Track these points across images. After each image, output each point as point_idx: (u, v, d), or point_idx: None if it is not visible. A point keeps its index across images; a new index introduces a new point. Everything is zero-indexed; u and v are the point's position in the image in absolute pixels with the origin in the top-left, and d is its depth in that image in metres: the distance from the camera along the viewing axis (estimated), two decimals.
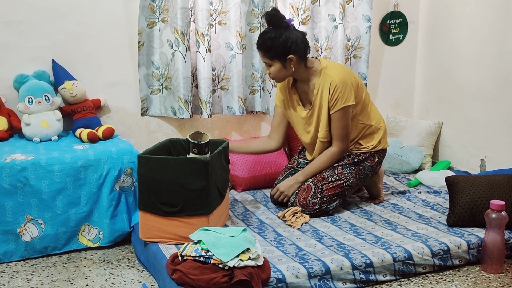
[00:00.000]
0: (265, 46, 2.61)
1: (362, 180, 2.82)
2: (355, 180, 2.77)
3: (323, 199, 2.69)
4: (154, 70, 3.17)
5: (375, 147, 2.81)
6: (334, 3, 3.44)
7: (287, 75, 2.70)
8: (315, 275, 2.10)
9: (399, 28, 3.80)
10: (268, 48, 2.61)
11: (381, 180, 2.97)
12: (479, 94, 3.42)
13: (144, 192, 2.29)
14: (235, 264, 1.97)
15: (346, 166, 2.76)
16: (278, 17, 2.63)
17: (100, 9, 3.05)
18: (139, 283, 2.27)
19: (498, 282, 2.27)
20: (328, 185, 2.71)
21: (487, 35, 3.33)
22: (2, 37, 2.89)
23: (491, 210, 2.33)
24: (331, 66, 2.70)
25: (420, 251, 2.30)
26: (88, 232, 2.59)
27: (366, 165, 2.79)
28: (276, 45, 2.59)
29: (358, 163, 2.77)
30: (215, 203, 2.36)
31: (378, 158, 2.83)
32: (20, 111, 2.84)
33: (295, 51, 2.61)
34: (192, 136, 2.45)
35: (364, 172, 2.79)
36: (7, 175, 2.42)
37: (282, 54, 2.60)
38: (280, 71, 2.65)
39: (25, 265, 2.44)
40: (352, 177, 2.75)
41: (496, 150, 3.34)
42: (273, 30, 2.61)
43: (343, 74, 2.67)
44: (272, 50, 2.60)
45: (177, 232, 2.28)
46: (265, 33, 2.63)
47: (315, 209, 2.69)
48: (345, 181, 2.73)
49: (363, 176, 2.80)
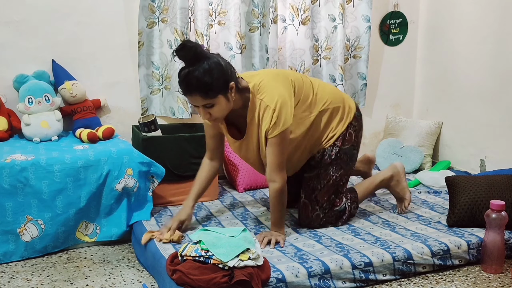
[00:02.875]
0: (203, 85, 2.15)
1: (350, 164, 2.62)
2: (343, 170, 2.58)
3: (322, 206, 2.56)
4: (154, 70, 3.18)
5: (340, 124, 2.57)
6: (334, 3, 3.44)
7: (230, 107, 2.28)
8: (315, 274, 2.10)
9: (399, 28, 3.80)
10: (207, 85, 2.15)
11: (402, 176, 2.79)
12: (479, 94, 3.42)
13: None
14: (235, 264, 1.98)
15: (327, 167, 2.55)
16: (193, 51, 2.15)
17: (100, 9, 3.05)
18: (139, 283, 2.27)
19: (498, 282, 2.27)
20: (320, 192, 2.56)
21: (487, 35, 3.33)
22: (2, 37, 2.89)
23: (491, 210, 2.33)
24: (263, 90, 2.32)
25: (419, 250, 2.30)
26: (85, 228, 2.60)
27: (345, 149, 2.58)
28: (215, 78, 2.16)
29: (337, 155, 2.55)
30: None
31: (353, 131, 2.60)
32: (20, 111, 2.84)
33: (231, 76, 2.24)
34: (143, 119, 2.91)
35: (347, 156, 2.59)
36: (7, 175, 2.42)
37: (224, 85, 2.20)
38: (225, 107, 2.25)
39: (25, 265, 2.44)
40: (338, 170, 2.56)
41: (496, 150, 3.34)
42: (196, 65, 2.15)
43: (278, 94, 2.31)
44: (213, 85, 2.16)
45: None
46: (192, 72, 2.15)
47: (322, 219, 2.56)
48: (334, 178, 2.56)
49: (348, 161, 2.60)
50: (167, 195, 2.89)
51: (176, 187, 2.89)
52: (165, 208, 2.85)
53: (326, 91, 2.57)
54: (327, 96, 2.55)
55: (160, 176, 2.73)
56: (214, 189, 2.99)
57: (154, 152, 2.78)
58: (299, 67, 3.44)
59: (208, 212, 2.80)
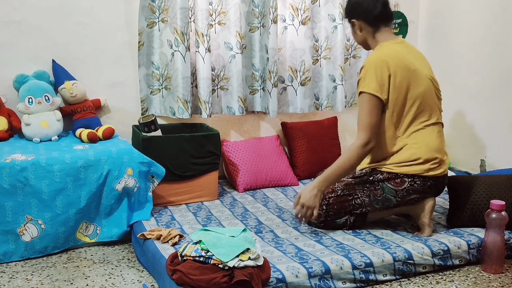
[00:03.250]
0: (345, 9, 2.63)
1: (379, 203, 2.45)
2: (368, 199, 2.45)
3: (328, 212, 2.49)
4: (154, 70, 3.17)
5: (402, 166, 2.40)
6: (334, 3, 3.44)
7: (360, 40, 2.56)
8: (315, 274, 2.10)
9: (399, 28, 3.80)
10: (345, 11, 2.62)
11: (426, 214, 2.46)
12: (479, 94, 3.42)
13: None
14: (235, 264, 1.98)
15: (360, 182, 2.47)
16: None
17: (100, 9, 3.05)
18: (139, 283, 2.27)
19: (498, 282, 2.27)
20: (336, 198, 2.48)
21: (487, 35, 3.33)
22: (2, 37, 2.89)
23: (491, 210, 2.33)
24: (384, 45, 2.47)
25: (420, 251, 2.30)
26: (86, 228, 2.60)
27: (387, 187, 2.43)
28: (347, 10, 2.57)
29: (375, 182, 2.44)
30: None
31: (411, 184, 2.41)
32: (20, 111, 2.84)
33: (358, 16, 2.50)
34: (143, 119, 2.93)
35: (383, 194, 2.43)
36: (7, 175, 2.42)
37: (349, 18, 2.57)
38: (353, 35, 2.59)
39: (25, 265, 2.44)
40: (364, 195, 2.45)
41: (496, 150, 3.34)
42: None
43: (379, 55, 2.41)
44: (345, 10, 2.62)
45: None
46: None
47: (320, 221, 2.51)
48: (354, 197, 2.46)
49: (380, 199, 2.44)
50: (167, 195, 2.89)
51: (176, 187, 2.89)
52: (165, 208, 2.85)
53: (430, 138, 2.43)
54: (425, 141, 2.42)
55: (160, 176, 2.73)
56: (214, 189, 2.99)
57: (154, 152, 2.79)
58: (299, 67, 3.44)
59: (208, 212, 2.80)
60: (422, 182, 2.42)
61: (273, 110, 3.34)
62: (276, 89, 3.34)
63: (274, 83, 3.32)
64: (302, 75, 3.46)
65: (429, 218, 2.47)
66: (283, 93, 3.51)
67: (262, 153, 3.30)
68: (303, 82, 3.47)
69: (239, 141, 3.34)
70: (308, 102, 3.51)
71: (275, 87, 3.33)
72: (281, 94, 3.51)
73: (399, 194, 2.43)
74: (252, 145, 3.33)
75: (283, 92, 3.51)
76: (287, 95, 3.51)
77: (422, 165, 2.41)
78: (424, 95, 2.44)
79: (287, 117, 3.58)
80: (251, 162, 3.22)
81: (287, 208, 2.86)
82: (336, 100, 3.57)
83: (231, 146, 3.29)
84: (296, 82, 3.47)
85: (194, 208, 2.87)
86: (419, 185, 2.42)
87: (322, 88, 3.56)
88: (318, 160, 3.41)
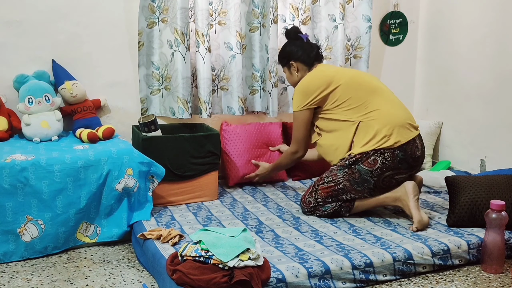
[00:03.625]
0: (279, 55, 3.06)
1: (359, 185, 2.65)
2: (348, 183, 2.65)
3: (316, 199, 2.72)
4: (153, 70, 3.17)
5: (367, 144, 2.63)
6: (334, 3, 3.44)
7: (295, 80, 2.94)
8: (315, 274, 2.10)
9: (399, 28, 3.80)
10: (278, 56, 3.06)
11: (411, 197, 2.57)
12: (479, 94, 3.42)
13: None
14: (235, 264, 1.98)
15: (340, 168, 2.69)
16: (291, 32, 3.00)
17: (100, 9, 3.06)
18: (139, 283, 2.26)
19: (498, 282, 2.27)
20: (323, 185, 2.72)
21: (487, 35, 3.33)
22: (2, 37, 2.89)
23: (491, 210, 2.33)
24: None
25: (420, 250, 2.30)
26: (86, 229, 2.60)
27: (362, 168, 2.63)
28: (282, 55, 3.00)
29: (351, 165, 2.65)
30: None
31: (382, 161, 2.62)
32: (20, 111, 2.84)
33: (296, 58, 2.91)
34: (143, 119, 2.94)
35: (360, 175, 2.63)
36: (7, 175, 2.42)
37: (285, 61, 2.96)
38: (288, 77, 3.00)
39: (25, 265, 2.44)
40: (344, 180, 2.66)
41: (496, 150, 3.34)
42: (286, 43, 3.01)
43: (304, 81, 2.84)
44: (279, 57, 3.04)
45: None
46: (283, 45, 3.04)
47: (310, 207, 2.74)
48: (337, 183, 2.68)
49: (359, 181, 2.64)
50: (167, 195, 2.89)
51: (176, 187, 2.89)
52: (165, 208, 2.85)
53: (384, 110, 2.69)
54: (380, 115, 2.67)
55: (160, 176, 2.73)
56: (214, 189, 2.99)
57: (154, 152, 2.79)
58: None
59: (208, 212, 2.80)
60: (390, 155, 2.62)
61: (273, 110, 3.35)
62: (276, 89, 3.34)
63: (274, 83, 3.32)
64: None
65: (416, 201, 2.57)
66: (284, 93, 3.51)
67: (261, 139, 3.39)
68: None
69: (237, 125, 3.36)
70: None
71: (275, 87, 3.33)
72: (282, 94, 3.50)
73: (374, 174, 2.62)
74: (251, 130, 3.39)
75: (284, 93, 3.51)
76: (288, 96, 3.51)
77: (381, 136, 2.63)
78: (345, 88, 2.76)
79: (288, 118, 3.58)
80: (243, 157, 3.27)
81: (287, 208, 2.86)
82: None
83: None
84: None
85: (194, 208, 2.87)
86: (388, 160, 2.61)
87: None
88: (318, 160, 3.41)
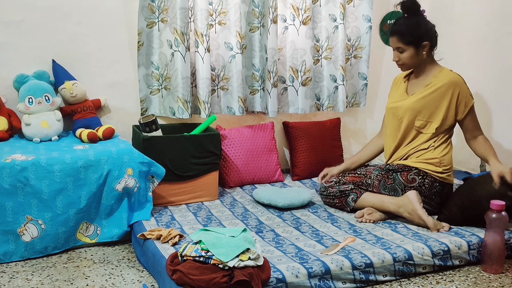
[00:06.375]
0: (402, 31, 2.66)
1: (387, 190, 2.70)
2: (377, 183, 2.72)
3: (340, 180, 2.79)
4: (153, 70, 3.17)
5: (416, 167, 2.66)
6: (335, 3, 3.44)
7: (417, 62, 2.72)
8: (315, 274, 2.10)
9: None
10: (404, 33, 2.65)
11: (416, 204, 2.53)
12: (479, 94, 3.41)
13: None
14: (235, 264, 1.98)
15: (378, 169, 2.78)
16: (415, 5, 2.70)
17: (100, 9, 3.05)
18: (139, 283, 2.27)
19: (498, 282, 2.26)
20: (354, 174, 2.81)
21: (486, 34, 3.33)
22: (2, 37, 2.89)
23: (491, 210, 2.33)
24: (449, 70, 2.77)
25: (420, 251, 2.30)
26: (86, 229, 2.60)
27: (397, 179, 2.68)
28: (413, 30, 2.65)
29: (389, 171, 2.72)
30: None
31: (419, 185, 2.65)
32: (20, 111, 2.84)
33: (430, 38, 2.68)
34: (144, 119, 2.92)
35: (392, 184, 2.69)
36: (7, 175, 2.42)
37: (418, 40, 2.65)
38: (412, 57, 2.69)
39: (25, 265, 2.44)
40: (375, 179, 2.73)
41: (496, 150, 3.33)
42: (409, 17, 2.69)
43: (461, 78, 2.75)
44: (408, 34, 2.65)
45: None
46: (401, 19, 2.71)
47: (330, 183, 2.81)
48: (367, 176, 2.76)
49: (389, 186, 2.70)
50: (167, 195, 2.89)
51: (176, 187, 2.89)
52: (165, 208, 2.85)
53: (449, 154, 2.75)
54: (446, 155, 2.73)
55: (160, 176, 2.73)
56: (214, 189, 2.99)
57: (154, 152, 2.79)
58: (300, 67, 3.44)
59: (208, 212, 2.80)
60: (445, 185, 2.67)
61: (272, 110, 3.34)
62: (275, 89, 3.33)
63: (274, 83, 3.32)
64: (303, 75, 3.45)
65: (422, 208, 2.54)
66: (284, 94, 3.51)
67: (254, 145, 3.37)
68: (304, 82, 3.47)
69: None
70: (309, 103, 3.51)
71: (275, 87, 3.33)
72: (282, 94, 3.50)
73: (405, 188, 2.65)
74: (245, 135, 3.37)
75: (284, 93, 3.51)
76: (288, 96, 3.51)
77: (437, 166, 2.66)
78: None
79: (288, 118, 3.58)
80: (243, 159, 3.26)
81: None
82: (338, 101, 3.56)
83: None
84: (297, 82, 3.47)
85: (194, 208, 2.87)
86: (426, 188, 2.63)
87: (323, 88, 3.56)
88: (318, 161, 3.42)
